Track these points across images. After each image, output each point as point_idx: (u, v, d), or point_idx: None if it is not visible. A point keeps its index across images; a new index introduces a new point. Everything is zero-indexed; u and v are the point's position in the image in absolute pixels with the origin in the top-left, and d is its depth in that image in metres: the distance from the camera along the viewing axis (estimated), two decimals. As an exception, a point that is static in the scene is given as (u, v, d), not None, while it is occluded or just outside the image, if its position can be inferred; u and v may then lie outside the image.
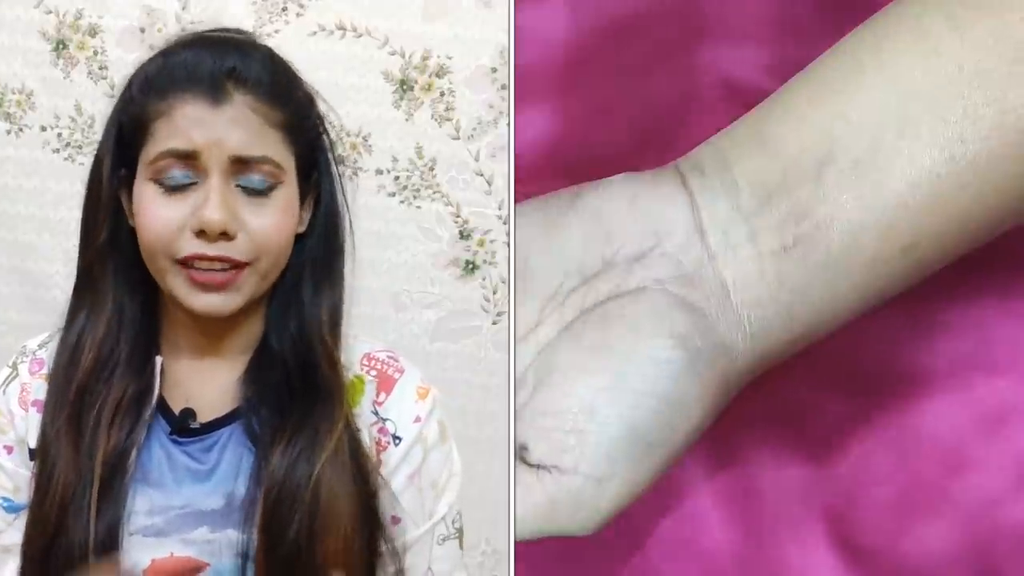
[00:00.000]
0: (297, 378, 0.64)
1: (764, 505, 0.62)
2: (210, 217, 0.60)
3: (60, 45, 0.86)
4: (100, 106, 0.86)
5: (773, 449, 0.62)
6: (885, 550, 0.61)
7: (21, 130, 0.87)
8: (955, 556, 0.61)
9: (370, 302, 0.87)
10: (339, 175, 0.68)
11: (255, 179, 0.62)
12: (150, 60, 0.65)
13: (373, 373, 0.67)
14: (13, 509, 0.65)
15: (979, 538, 0.61)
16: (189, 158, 0.61)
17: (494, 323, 0.89)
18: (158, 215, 0.61)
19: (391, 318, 0.88)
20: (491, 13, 0.86)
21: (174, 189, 0.61)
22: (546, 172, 0.67)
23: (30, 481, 0.64)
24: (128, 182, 0.64)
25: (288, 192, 0.63)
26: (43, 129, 0.87)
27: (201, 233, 0.61)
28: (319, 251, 0.67)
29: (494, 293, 0.89)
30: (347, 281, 0.68)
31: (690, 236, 0.54)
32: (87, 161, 0.87)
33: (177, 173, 0.61)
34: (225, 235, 0.61)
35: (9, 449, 0.65)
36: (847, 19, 0.56)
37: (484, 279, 0.89)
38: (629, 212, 0.55)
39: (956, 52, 0.51)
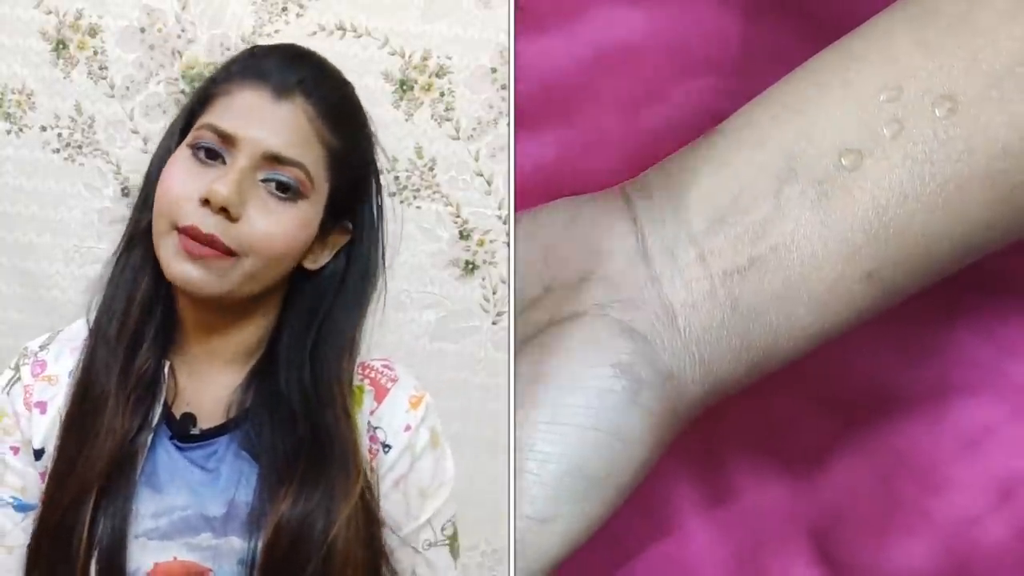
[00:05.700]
0: (304, 421, 0.64)
1: (748, 522, 0.62)
2: (218, 188, 0.61)
3: (60, 45, 0.86)
4: (100, 106, 0.87)
5: (757, 467, 0.62)
6: (867, 567, 0.61)
7: (21, 130, 0.87)
8: (934, 573, 0.61)
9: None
10: (383, 232, 0.68)
11: (282, 176, 0.62)
12: (237, 54, 0.67)
13: (367, 383, 0.67)
14: (22, 508, 0.65)
15: (957, 556, 0.61)
16: (228, 140, 0.62)
17: (494, 323, 0.89)
18: (179, 177, 0.62)
19: (391, 318, 0.88)
20: (491, 13, 0.86)
21: (204, 157, 0.62)
22: (540, 201, 0.67)
23: (38, 480, 0.64)
24: None
25: (310, 212, 0.63)
26: (43, 129, 0.87)
27: (205, 203, 0.61)
28: (348, 300, 0.67)
29: (494, 293, 0.88)
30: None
31: (632, 259, 0.53)
32: (87, 161, 0.87)
33: (211, 142, 0.62)
34: (226, 213, 0.61)
35: (16, 449, 0.65)
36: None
37: (484, 279, 0.88)
38: (567, 235, 0.54)
39: (925, 75, 0.50)
